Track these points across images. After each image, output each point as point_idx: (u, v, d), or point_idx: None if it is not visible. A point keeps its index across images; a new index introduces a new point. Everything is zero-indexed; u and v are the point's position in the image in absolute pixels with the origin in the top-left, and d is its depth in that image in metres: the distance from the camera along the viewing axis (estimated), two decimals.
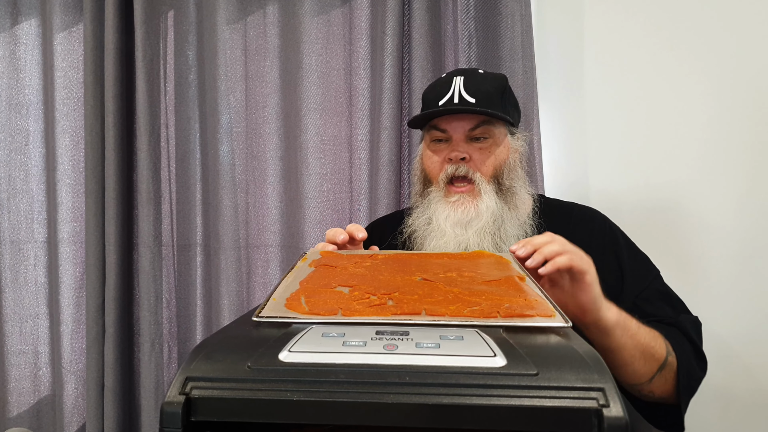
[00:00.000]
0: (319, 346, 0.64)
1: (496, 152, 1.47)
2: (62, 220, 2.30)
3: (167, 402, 0.58)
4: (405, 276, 0.94)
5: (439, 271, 0.97)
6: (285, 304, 0.79)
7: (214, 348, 0.65)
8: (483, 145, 1.45)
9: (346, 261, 1.05)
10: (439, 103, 1.46)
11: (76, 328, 2.31)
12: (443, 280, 0.92)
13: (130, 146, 2.27)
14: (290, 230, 2.19)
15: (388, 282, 0.90)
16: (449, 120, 1.46)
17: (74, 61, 2.29)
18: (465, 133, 1.45)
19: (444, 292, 0.84)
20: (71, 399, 2.31)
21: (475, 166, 1.44)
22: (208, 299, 2.27)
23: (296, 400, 0.58)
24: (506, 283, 0.89)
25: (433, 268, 0.99)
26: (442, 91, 1.47)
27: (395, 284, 0.89)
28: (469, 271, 0.97)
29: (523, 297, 0.81)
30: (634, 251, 1.47)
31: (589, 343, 0.67)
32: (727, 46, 1.91)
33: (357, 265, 1.01)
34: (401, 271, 0.97)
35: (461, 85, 1.45)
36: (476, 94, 1.43)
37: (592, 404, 0.55)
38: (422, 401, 0.57)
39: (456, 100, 1.44)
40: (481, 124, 1.44)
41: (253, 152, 2.22)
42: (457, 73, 1.49)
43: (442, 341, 0.64)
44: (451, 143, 1.47)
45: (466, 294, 0.83)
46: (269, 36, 2.19)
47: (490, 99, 1.44)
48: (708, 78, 1.93)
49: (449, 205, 1.44)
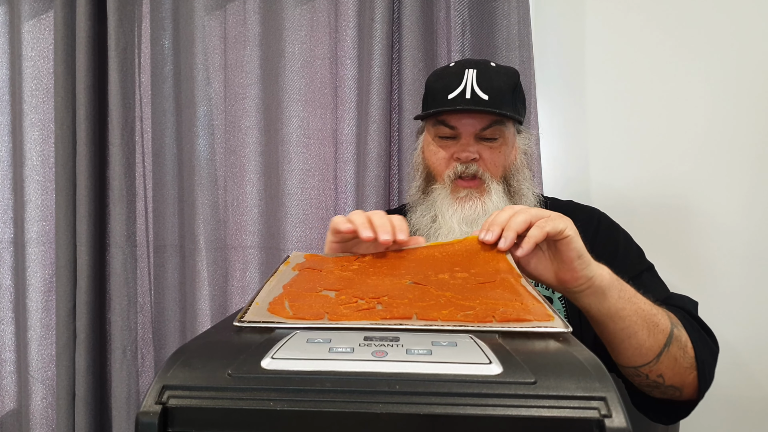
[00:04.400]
0: (304, 352, 0.63)
1: (505, 153, 1.47)
2: (30, 219, 2.28)
3: (142, 412, 0.57)
4: (395, 279, 0.93)
5: (431, 272, 0.97)
6: (268, 309, 0.78)
7: (192, 354, 0.65)
8: (493, 144, 1.45)
9: (332, 264, 1.04)
10: (448, 97, 1.44)
11: (45, 334, 2.30)
12: (435, 283, 0.91)
13: (103, 140, 2.26)
14: (270, 230, 2.19)
15: (377, 286, 0.90)
16: (460, 117, 1.45)
17: (44, 50, 2.28)
18: (475, 132, 1.44)
19: (436, 296, 0.84)
20: (39, 410, 2.30)
21: (485, 166, 1.45)
22: (183, 303, 2.26)
23: (280, 409, 0.57)
24: (502, 285, 0.89)
25: (424, 269, 0.98)
26: (452, 84, 1.45)
27: (384, 288, 0.88)
28: (462, 271, 0.97)
29: (519, 300, 0.81)
30: (629, 242, 1.48)
31: (588, 349, 0.66)
32: (732, 36, 1.92)
33: (344, 269, 1.01)
34: (390, 274, 0.97)
35: (474, 80, 1.43)
36: (489, 90, 1.42)
37: (594, 414, 0.55)
38: (413, 411, 0.56)
39: (468, 95, 1.42)
40: (493, 124, 1.44)
41: (231, 147, 2.21)
42: (469, 65, 1.48)
43: (435, 347, 0.64)
44: (459, 141, 1.46)
45: (459, 298, 0.83)
46: (249, 23, 2.18)
47: (503, 96, 1.43)
48: (714, 68, 1.94)
49: (456, 200, 1.44)
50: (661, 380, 1.20)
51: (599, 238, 1.45)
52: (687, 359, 1.18)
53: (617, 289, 1.12)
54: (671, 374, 1.19)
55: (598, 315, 1.13)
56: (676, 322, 1.19)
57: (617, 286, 1.12)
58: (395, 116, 2.08)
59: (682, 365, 1.18)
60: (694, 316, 1.28)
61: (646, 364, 1.17)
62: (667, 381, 1.20)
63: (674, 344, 1.16)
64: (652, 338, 1.14)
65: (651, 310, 1.15)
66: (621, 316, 1.12)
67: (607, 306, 1.11)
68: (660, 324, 1.15)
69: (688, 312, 1.28)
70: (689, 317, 1.26)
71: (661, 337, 1.15)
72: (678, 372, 1.19)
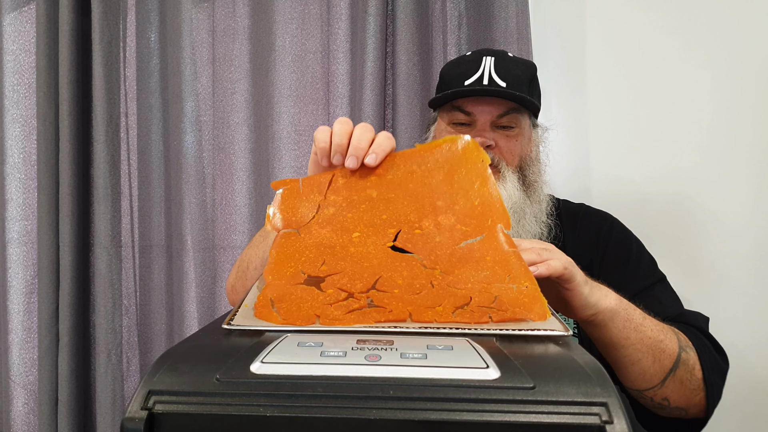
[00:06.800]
0: (295, 356, 0.63)
1: (522, 143, 1.47)
2: (11, 219, 2.27)
3: (128, 418, 0.57)
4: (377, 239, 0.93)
5: (413, 215, 0.95)
6: (255, 314, 0.78)
7: (179, 358, 0.64)
8: (510, 133, 1.46)
9: (306, 203, 0.99)
10: (465, 83, 1.44)
11: (26, 337, 2.29)
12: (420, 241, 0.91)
13: (87, 137, 2.25)
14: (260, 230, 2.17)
15: (362, 260, 0.90)
16: (476, 103, 1.45)
17: (25, 44, 2.27)
18: (492, 120, 1.45)
19: (426, 276, 0.85)
20: (21, 415, 2.29)
21: (500, 153, 1.45)
22: (170, 306, 2.26)
23: (269, 415, 0.57)
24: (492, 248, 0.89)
25: (404, 207, 0.96)
26: (469, 70, 1.46)
27: (369, 264, 0.88)
28: (446, 210, 0.95)
29: (513, 281, 0.82)
30: (641, 251, 1.48)
31: (588, 351, 0.67)
32: (739, 27, 1.92)
33: (320, 216, 0.97)
34: (371, 224, 0.95)
35: (492, 66, 1.44)
36: (507, 77, 1.43)
37: (594, 420, 0.55)
38: (408, 417, 0.56)
39: (485, 81, 1.43)
40: (510, 111, 1.44)
41: (220, 143, 2.21)
42: (487, 53, 1.48)
43: (430, 351, 0.64)
44: (474, 128, 1.46)
45: (451, 280, 0.84)
46: (238, 16, 2.17)
47: (521, 85, 1.43)
48: (720, 61, 1.94)
49: None
50: (666, 403, 1.20)
51: (611, 244, 1.45)
52: (694, 382, 1.19)
53: (622, 319, 1.11)
54: (677, 397, 1.19)
55: (600, 342, 1.14)
56: (686, 344, 1.19)
57: (623, 315, 1.12)
58: (389, 112, 2.07)
59: (689, 388, 1.19)
60: (705, 333, 1.28)
61: (651, 389, 1.18)
62: (673, 403, 1.20)
63: (681, 368, 1.17)
64: (657, 364, 1.15)
65: (658, 336, 1.15)
66: (624, 345, 1.13)
67: (609, 335, 1.12)
68: (667, 350, 1.15)
69: (700, 329, 1.28)
70: (701, 335, 1.26)
71: (667, 363, 1.15)
72: (684, 395, 1.19)
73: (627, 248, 1.47)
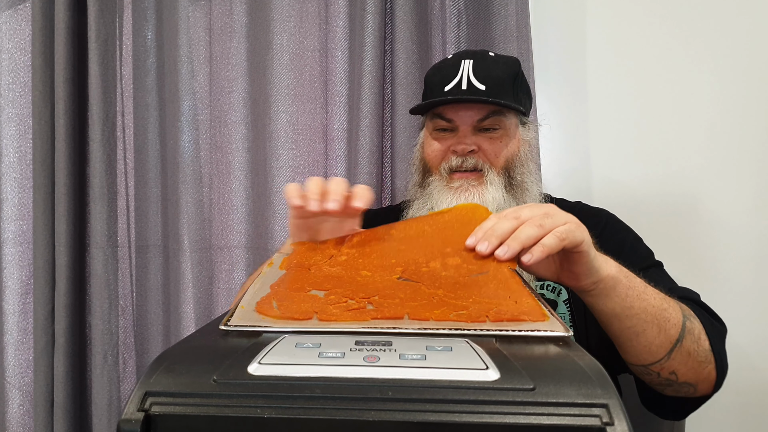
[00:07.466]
0: (293, 357, 0.63)
1: (507, 143, 1.47)
2: (6, 218, 2.27)
3: (124, 419, 0.57)
4: (384, 274, 0.94)
5: (422, 259, 0.98)
6: (255, 308, 0.79)
7: (176, 360, 0.64)
8: (493, 135, 1.46)
9: (319, 255, 1.04)
10: (444, 89, 1.45)
11: (22, 338, 2.28)
12: (426, 275, 0.92)
13: (83, 136, 2.24)
14: (258, 230, 2.18)
15: (367, 284, 0.90)
16: (456, 109, 1.46)
17: (21, 42, 2.26)
18: (473, 124, 1.45)
19: (428, 296, 0.85)
20: (16, 417, 2.29)
21: (485, 157, 1.45)
22: (167, 306, 2.25)
23: (267, 417, 0.57)
24: (495, 278, 0.89)
25: (414, 254, 0.99)
26: (449, 75, 1.46)
27: (374, 287, 0.89)
28: (454, 254, 0.97)
29: (513, 299, 0.81)
30: (638, 242, 1.48)
31: (586, 351, 0.66)
32: (742, 25, 1.92)
33: (333, 261, 1.01)
34: (381, 265, 0.97)
35: (470, 70, 1.44)
36: (486, 80, 1.43)
37: (595, 422, 0.55)
38: (407, 419, 0.56)
39: (464, 86, 1.43)
40: (491, 114, 1.44)
41: (217, 143, 2.20)
42: (466, 56, 1.48)
43: (429, 352, 0.64)
44: (457, 133, 1.47)
45: (452, 297, 0.84)
46: (236, 14, 2.17)
47: (502, 86, 1.43)
48: (722, 60, 1.94)
49: (452, 191, 1.44)
50: (674, 377, 1.18)
51: (605, 237, 1.45)
52: (702, 352, 1.17)
53: (624, 287, 1.10)
54: (685, 370, 1.17)
55: (602, 313, 1.12)
56: (689, 313, 1.18)
57: (625, 283, 1.10)
58: (388, 111, 2.07)
59: (697, 359, 1.16)
60: (699, 303, 1.28)
61: (657, 362, 1.15)
62: (681, 378, 1.18)
63: (687, 338, 1.15)
64: (663, 335, 1.12)
65: (661, 305, 1.13)
66: (627, 315, 1.10)
67: (611, 305, 1.10)
68: (671, 318, 1.13)
69: (694, 300, 1.27)
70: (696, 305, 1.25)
71: (673, 332, 1.13)
72: (692, 367, 1.17)
73: (621, 239, 1.47)
